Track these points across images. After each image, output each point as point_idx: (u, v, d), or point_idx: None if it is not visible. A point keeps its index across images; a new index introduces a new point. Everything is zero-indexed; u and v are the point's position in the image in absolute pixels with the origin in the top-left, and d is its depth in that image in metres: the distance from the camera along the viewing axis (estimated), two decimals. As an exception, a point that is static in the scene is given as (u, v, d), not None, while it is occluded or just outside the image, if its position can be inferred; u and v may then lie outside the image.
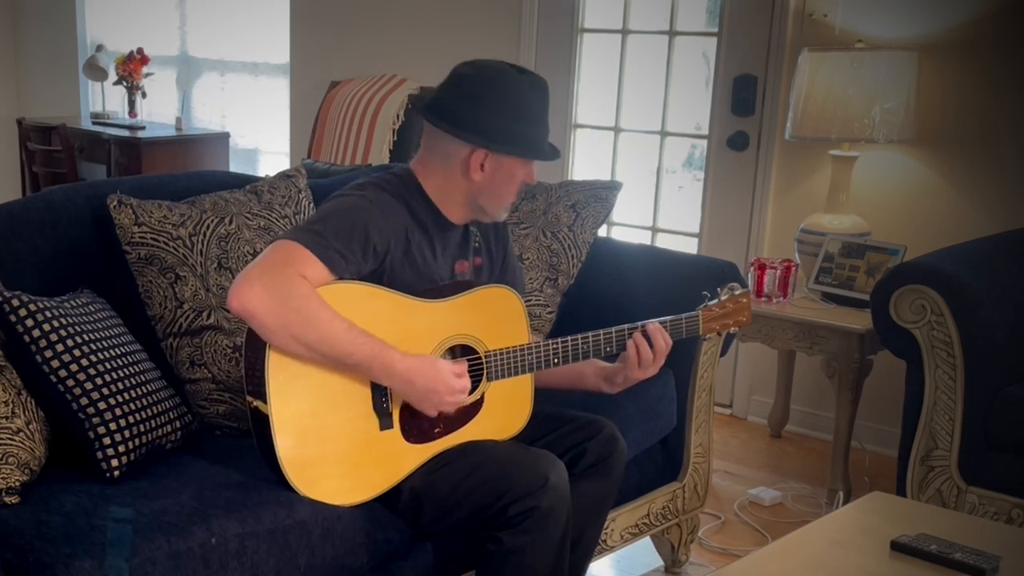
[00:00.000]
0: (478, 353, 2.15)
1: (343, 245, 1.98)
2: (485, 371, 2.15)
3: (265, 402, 1.96)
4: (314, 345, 1.93)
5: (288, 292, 1.90)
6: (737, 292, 2.33)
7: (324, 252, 1.95)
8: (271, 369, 1.95)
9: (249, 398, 2.02)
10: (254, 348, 1.98)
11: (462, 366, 2.07)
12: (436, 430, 2.11)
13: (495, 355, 2.14)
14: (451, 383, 2.03)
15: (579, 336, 2.19)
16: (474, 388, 2.14)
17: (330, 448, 2.01)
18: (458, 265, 2.21)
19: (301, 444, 1.99)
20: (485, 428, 2.17)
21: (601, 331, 2.21)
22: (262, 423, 1.98)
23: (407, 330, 2.06)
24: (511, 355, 2.15)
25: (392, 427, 2.06)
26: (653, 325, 2.21)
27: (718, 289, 2.32)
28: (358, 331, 1.96)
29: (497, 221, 2.28)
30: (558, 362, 2.19)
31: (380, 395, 2.04)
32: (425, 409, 2.04)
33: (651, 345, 2.20)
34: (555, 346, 2.18)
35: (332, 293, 1.96)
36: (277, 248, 1.96)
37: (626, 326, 2.22)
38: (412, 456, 2.09)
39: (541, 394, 2.27)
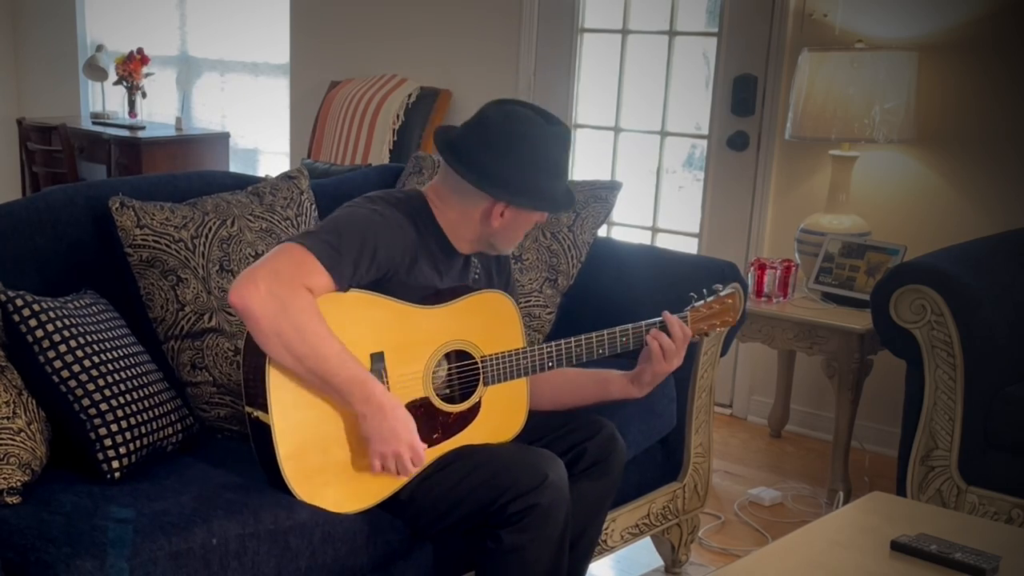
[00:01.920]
0: (474, 358, 2.15)
1: (353, 258, 1.98)
2: (482, 376, 2.15)
3: (266, 412, 1.96)
4: (302, 358, 1.93)
5: (290, 301, 1.90)
6: (723, 293, 2.34)
7: (332, 263, 1.95)
8: (272, 378, 1.95)
9: (248, 408, 2.02)
10: (254, 357, 1.98)
11: (424, 447, 2.04)
12: (435, 436, 2.11)
13: (491, 360, 2.15)
14: (415, 442, 2.00)
15: (572, 339, 2.21)
16: (471, 393, 2.15)
17: (331, 457, 2.01)
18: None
19: (302, 453, 1.99)
20: (482, 433, 2.17)
21: (593, 333, 2.22)
22: (263, 433, 1.98)
23: (405, 336, 2.06)
24: (507, 359, 2.17)
25: None
26: (669, 315, 2.23)
27: (704, 290, 2.34)
28: (348, 355, 1.96)
29: (503, 254, 2.30)
30: (552, 365, 2.20)
31: None
32: (374, 452, 1.98)
33: (671, 335, 2.22)
34: (550, 349, 2.20)
35: (332, 299, 1.96)
36: (288, 251, 1.95)
37: (617, 328, 2.23)
38: None
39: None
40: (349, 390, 1.96)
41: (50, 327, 2.02)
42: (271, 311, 1.89)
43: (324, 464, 2.01)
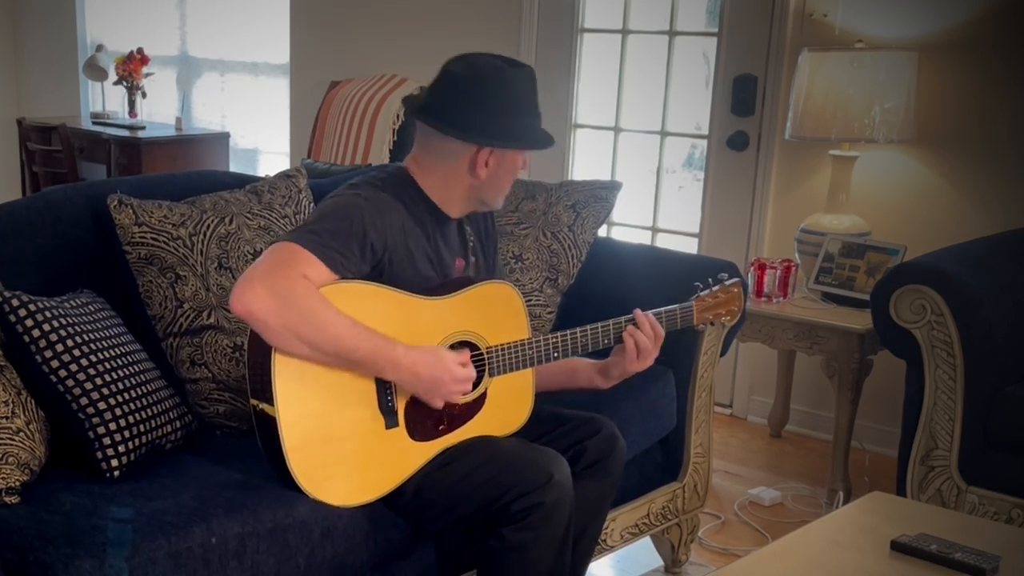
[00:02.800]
0: (480, 349, 2.15)
1: (341, 244, 1.99)
2: (487, 367, 2.16)
3: (272, 404, 1.96)
4: (318, 344, 1.93)
5: (290, 292, 1.90)
6: (728, 282, 2.35)
7: (323, 251, 1.96)
8: (277, 371, 1.95)
9: (253, 401, 2.02)
10: (259, 350, 1.98)
11: (465, 355, 2.08)
12: (440, 427, 2.12)
13: (497, 351, 2.16)
14: (456, 372, 2.05)
15: (577, 329, 2.21)
16: (477, 384, 2.15)
17: (337, 449, 2.01)
18: (458, 261, 2.23)
19: (308, 445, 1.98)
20: (488, 424, 2.17)
21: (599, 324, 2.22)
22: (268, 426, 1.98)
23: (410, 328, 2.06)
24: (512, 350, 2.16)
25: (397, 425, 2.07)
26: (641, 314, 2.23)
27: (710, 280, 2.34)
28: (361, 327, 1.96)
29: (495, 210, 2.31)
30: (558, 356, 2.20)
31: (385, 394, 2.05)
32: (432, 401, 2.05)
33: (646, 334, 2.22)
34: (555, 340, 2.19)
35: (335, 293, 1.97)
36: (277, 250, 1.97)
37: (623, 318, 2.23)
38: (417, 454, 2.09)
39: (538, 395, 2.27)
40: (374, 363, 1.98)
41: (47, 327, 2.02)
42: (274, 307, 1.89)
43: (330, 456, 2.01)
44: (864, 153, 3.71)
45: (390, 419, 2.06)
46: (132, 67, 5.98)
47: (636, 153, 4.50)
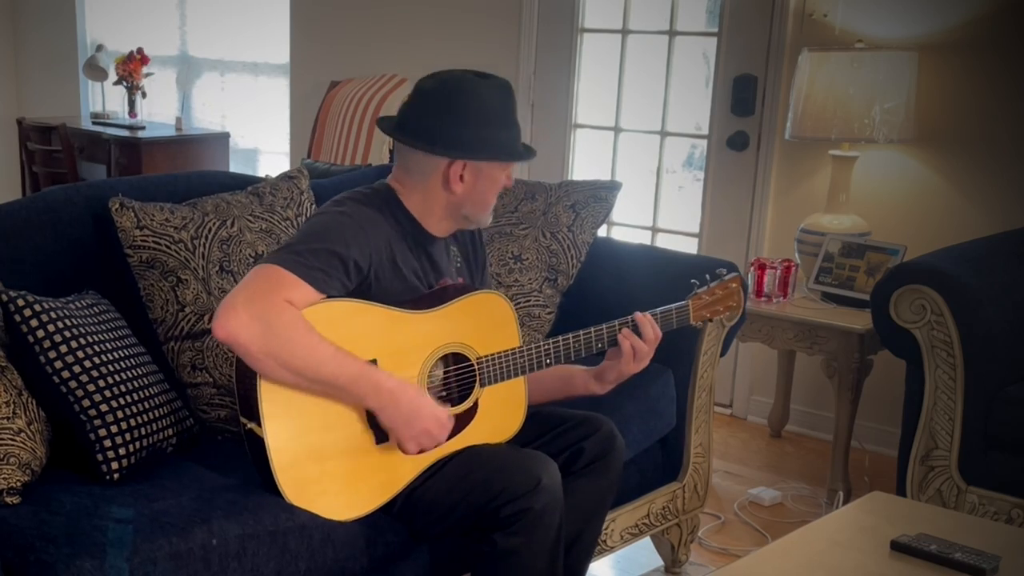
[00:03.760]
0: (470, 360, 2.14)
1: (324, 263, 1.96)
2: (478, 377, 2.14)
3: (259, 424, 1.95)
4: (300, 371, 1.92)
5: (274, 319, 1.88)
6: (726, 278, 2.33)
7: (306, 272, 1.93)
8: (263, 391, 1.94)
9: (243, 420, 2.00)
10: (245, 371, 1.96)
11: (446, 411, 2.06)
12: None
13: (487, 360, 2.14)
14: (436, 412, 2.03)
15: (569, 335, 2.19)
16: (468, 394, 2.14)
17: (327, 466, 2.00)
18: (441, 283, 2.20)
19: (298, 464, 1.97)
20: (480, 434, 2.15)
21: (592, 328, 2.21)
22: (258, 445, 1.97)
23: (398, 342, 2.05)
24: (503, 359, 2.15)
25: (388, 439, 2.04)
26: (641, 316, 2.21)
27: (707, 276, 2.33)
28: (344, 354, 1.95)
29: (482, 227, 2.28)
30: (550, 362, 2.18)
31: None
32: (404, 438, 2.01)
33: (642, 336, 2.20)
34: (546, 347, 2.17)
35: (321, 312, 1.95)
36: (259, 273, 1.94)
37: (616, 321, 2.21)
38: (409, 467, 2.08)
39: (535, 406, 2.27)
40: (355, 389, 1.96)
41: (51, 327, 2.02)
42: (257, 334, 1.87)
43: (319, 474, 1.99)
44: (864, 153, 3.71)
45: (380, 434, 2.03)
46: (132, 67, 5.98)
47: (636, 153, 4.50)
